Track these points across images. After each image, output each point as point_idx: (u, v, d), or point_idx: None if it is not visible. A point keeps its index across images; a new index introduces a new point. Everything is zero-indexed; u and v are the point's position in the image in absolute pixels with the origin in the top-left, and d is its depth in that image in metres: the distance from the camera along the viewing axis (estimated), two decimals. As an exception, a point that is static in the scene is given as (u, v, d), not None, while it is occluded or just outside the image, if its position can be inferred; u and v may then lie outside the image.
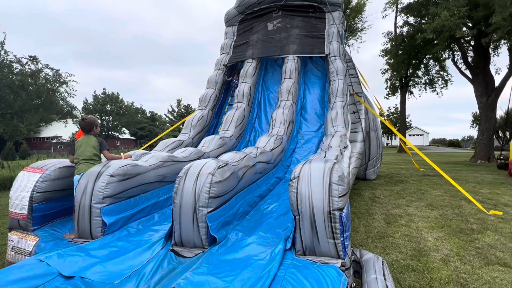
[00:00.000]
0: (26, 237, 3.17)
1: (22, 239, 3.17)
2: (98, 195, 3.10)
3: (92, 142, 3.67)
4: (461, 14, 12.96)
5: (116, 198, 3.23)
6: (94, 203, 3.08)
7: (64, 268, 2.36)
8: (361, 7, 25.08)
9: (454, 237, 4.22)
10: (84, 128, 3.72)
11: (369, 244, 4.02)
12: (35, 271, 2.25)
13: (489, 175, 10.37)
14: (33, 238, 3.15)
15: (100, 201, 3.10)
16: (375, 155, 8.97)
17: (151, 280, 2.31)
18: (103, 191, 3.12)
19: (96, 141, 3.72)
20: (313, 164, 2.73)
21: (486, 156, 16.51)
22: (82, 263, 2.49)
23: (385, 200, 6.57)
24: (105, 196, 3.13)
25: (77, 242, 3.03)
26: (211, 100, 7.57)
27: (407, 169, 12.46)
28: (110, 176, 3.20)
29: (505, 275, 3.12)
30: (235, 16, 8.49)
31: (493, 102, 16.46)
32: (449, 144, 63.35)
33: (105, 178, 3.18)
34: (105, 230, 3.10)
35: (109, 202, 3.15)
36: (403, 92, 25.74)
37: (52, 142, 45.32)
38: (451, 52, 19.32)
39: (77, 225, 3.14)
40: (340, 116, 5.96)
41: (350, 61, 8.08)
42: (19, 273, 2.20)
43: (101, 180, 3.17)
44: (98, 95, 45.88)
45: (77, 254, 2.60)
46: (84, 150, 3.61)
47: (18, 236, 3.22)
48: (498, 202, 6.26)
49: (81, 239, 3.09)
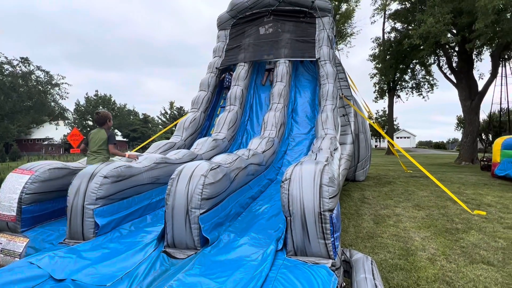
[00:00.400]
0: (15, 239, 3.10)
1: (11, 241, 3.10)
2: (91, 196, 3.06)
3: (101, 135, 3.75)
4: (446, 21, 13.24)
5: (109, 199, 3.19)
6: (87, 204, 3.03)
7: (55, 271, 2.31)
8: (351, 13, 25.36)
9: (440, 237, 4.28)
10: (97, 121, 3.83)
11: (358, 244, 4.04)
12: (25, 274, 2.20)
13: (473, 176, 10.57)
14: (23, 240, 3.08)
15: (93, 202, 3.05)
16: (364, 157, 9.05)
17: (143, 281, 2.28)
18: (96, 192, 3.07)
19: (105, 134, 3.78)
20: (304, 166, 2.74)
21: (470, 158, 16.83)
22: (74, 265, 2.44)
23: (373, 201, 6.63)
24: (98, 197, 3.08)
25: (68, 244, 2.97)
26: (204, 102, 7.54)
27: (394, 171, 12.60)
28: (103, 177, 3.16)
29: (488, 273, 3.18)
30: (228, 20, 8.49)
31: (476, 105, 16.80)
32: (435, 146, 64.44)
33: (98, 179, 3.13)
34: (97, 232, 3.05)
35: (102, 203, 3.11)
36: (391, 96, 26.09)
37: (43, 143, 44.41)
38: (437, 58, 19.69)
39: (69, 226, 3.08)
40: (330, 118, 6.00)
41: (340, 65, 8.16)
42: (9, 276, 2.14)
43: (95, 181, 3.12)
44: (90, 97, 45.14)
45: (68, 256, 2.55)
46: (93, 142, 3.73)
47: (7, 238, 3.14)
48: (481, 202, 6.38)
49: (73, 240, 3.03)
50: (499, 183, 8.90)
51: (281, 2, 7.81)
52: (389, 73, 22.63)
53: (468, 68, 17.03)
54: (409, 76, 23.56)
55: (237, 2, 8.25)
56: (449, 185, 8.32)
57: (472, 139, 17.12)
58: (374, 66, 24.48)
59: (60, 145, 41.77)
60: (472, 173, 11.85)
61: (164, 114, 54.12)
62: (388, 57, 21.97)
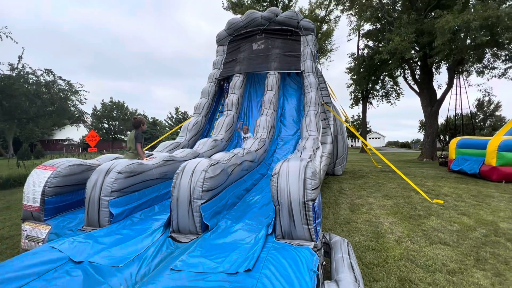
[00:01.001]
0: (39, 226, 3.04)
1: (35, 228, 3.04)
2: (107, 189, 3.02)
3: (132, 136, 3.82)
4: (410, 40, 13.40)
5: (122, 192, 3.15)
6: (103, 196, 3.00)
7: (74, 254, 2.27)
8: (330, 32, 25.50)
9: (405, 222, 4.33)
10: (133, 124, 3.89)
11: (337, 228, 4.07)
12: (47, 257, 2.16)
13: (432, 171, 10.73)
14: (46, 227, 3.02)
15: (108, 194, 3.01)
16: (342, 155, 9.12)
17: (151, 262, 2.25)
18: (111, 185, 3.04)
19: (134, 134, 3.82)
20: (290, 162, 2.75)
21: (430, 155, 17.08)
22: (91, 249, 2.41)
23: (349, 192, 6.67)
24: (113, 190, 3.04)
25: (86, 230, 2.92)
26: (205, 108, 7.50)
27: (367, 166, 12.73)
28: (118, 173, 3.12)
29: (445, 252, 3.24)
30: (225, 37, 8.46)
31: (435, 111, 17.05)
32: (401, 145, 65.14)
33: (113, 174, 3.10)
34: (112, 220, 3.01)
35: (116, 195, 3.07)
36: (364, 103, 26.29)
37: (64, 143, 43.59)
38: (402, 71, 19.91)
39: (86, 215, 3.04)
40: (313, 122, 6.03)
41: (321, 76, 8.20)
42: (34, 259, 2.10)
43: (110, 176, 3.08)
44: (106, 103, 44.48)
45: (86, 241, 2.51)
46: (128, 141, 3.87)
47: (31, 226, 3.07)
48: (440, 192, 6.48)
49: (90, 227, 2.98)
50: (454, 176, 9.06)
51: (271, 22, 7.82)
52: (362, 84, 22.81)
53: (429, 79, 17.27)
54: (379, 86, 23.77)
55: (234, 22, 8.23)
56: (413, 178, 8.44)
57: (432, 139, 17.37)
58: (350, 77, 24.65)
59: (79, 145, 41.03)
60: (432, 168, 12.03)
61: (171, 118, 53.59)
62: (362, 70, 22.14)
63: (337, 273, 2.21)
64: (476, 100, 40.81)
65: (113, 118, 44.13)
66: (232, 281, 1.79)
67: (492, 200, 5.69)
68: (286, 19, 7.70)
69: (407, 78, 19.41)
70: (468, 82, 23.04)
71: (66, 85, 14.95)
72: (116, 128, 44.69)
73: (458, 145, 10.13)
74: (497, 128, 34.50)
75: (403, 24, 13.99)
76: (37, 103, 12.37)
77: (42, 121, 18.83)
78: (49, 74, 13.67)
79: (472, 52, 14.65)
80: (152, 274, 2.02)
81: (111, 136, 43.72)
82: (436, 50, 13.02)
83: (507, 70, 15.71)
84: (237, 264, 2.02)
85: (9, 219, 4.93)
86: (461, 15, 10.96)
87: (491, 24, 10.98)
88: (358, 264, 2.74)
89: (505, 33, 11.50)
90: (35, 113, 14.78)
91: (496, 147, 7.84)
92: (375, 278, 2.66)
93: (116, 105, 44.69)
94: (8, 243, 3.65)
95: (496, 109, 40.79)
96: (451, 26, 11.24)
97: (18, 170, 10.16)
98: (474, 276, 2.70)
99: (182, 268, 1.97)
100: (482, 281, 2.61)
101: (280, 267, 1.95)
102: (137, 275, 2.06)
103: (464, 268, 2.85)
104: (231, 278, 1.84)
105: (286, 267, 1.95)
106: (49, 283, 1.87)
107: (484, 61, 16.14)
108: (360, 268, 2.63)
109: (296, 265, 1.99)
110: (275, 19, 7.75)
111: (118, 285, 1.92)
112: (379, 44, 18.94)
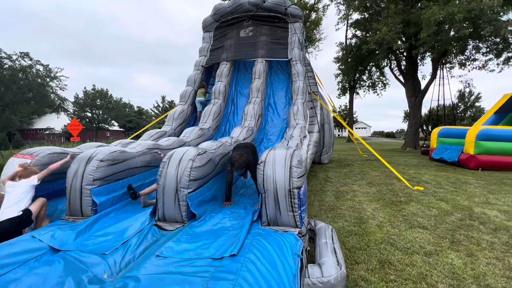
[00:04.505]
0: (19, 218, 2.94)
1: (15, 219, 2.93)
2: (88, 177, 2.94)
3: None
4: (397, 30, 13.53)
5: (105, 180, 3.08)
6: (85, 184, 2.92)
7: (56, 243, 2.23)
8: (319, 21, 25.31)
9: (387, 208, 4.50)
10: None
11: (321, 215, 4.17)
12: (28, 246, 2.11)
13: (415, 159, 11.10)
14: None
15: (91, 183, 2.94)
16: (328, 144, 9.26)
17: (136, 250, 2.24)
18: (93, 174, 2.96)
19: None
20: (277, 150, 2.76)
21: (413, 145, 17.63)
22: (74, 238, 2.37)
23: (335, 180, 6.82)
24: (95, 179, 2.97)
25: (68, 220, 2.86)
26: (191, 96, 7.37)
27: (353, 155, 13.01)
28: (100, 161, 3.04)
29: (423, 235, 3.40)
30: (211, 23, 8.24)
31: (419, 102, 17.49)
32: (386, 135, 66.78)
33: (95, 162, 3.02)
34: (96, 209, 2.95)
35: (98, 184, 3.00)
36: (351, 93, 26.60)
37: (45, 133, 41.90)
38: (389, 61, 20.18)
39: (68, 205, 2.96)
40: (301, 111, 6.05)
41: (309, 65, 8.19)
42: (14, 248, 2.05)
43: (92, 164, 3.00)
44: (88, 91, 42.79)
45: (68, 231, 2.46)
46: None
47: (11, 216, 2.97)
48: (420, 180, 6.74)
49: (72, 217, 2.92)
50: (435, 165, 9.42)
51: (258, 8, 7.66)
52: (350, 74, 23.02)
53: (414, 70, 17.61)
54: (366, 76, 24.08)
55: (220, 7, 8.02)
56: (396, 166, 8.71)
57: (415, 129, 17.89)
58: (338, 67, 24.79)
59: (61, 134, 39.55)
60: (414, 157, 12.43)
61: (157, 107, 52.50)
62: (349, 60, 22.28)
63: (320, 257, 2.28)
64: (458, 91, 42.13)
65: (96, 106, 42.63)
66: (217, 265, 1.82)
67: (468, 187, 5.98)
68: (273, 5, 7.57)
69: (393, 69, 19.71)
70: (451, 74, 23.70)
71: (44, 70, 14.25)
72: (100, 117, 43.28)
73: (440, 135, 10.49)
74: (476, 118, 35.88)
75: (391, 14, 14.07)
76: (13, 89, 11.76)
77: (20, 108, 17.92)
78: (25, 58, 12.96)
79: (456, 44, 14.99)
80: (137, 261, 2.01)
81: (94, 125, 42.37)
82: (421, 42, 13.24)
83: (487, 62, 16.23)
84: (222, 250, 2.04)
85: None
86: (446, 7, 11.13)
87: (474, 16, 11.22)
88: (341, 248, 2.84)
89: (487, 26, 11.79)
90: (11, 99, 14.01)
91: (475, 136, 8.17)
92: (356, 261, 2.77)
93: (99, 93, 43.13)
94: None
95: (477, 100, 42.34)
96: (437, 18, 11.42)
97: (-5, 160, 9.74)
98: (449, 257, 2.86)
99: (168, 255, 1.98)
100: (456, 262, 2.77)
101: (264, 251, 1.99)
102: (122, 262, 2.05)
103: (439, 250, 3.01)
104: (216, 263, 1.86)
105: (271, 252, 1.99)
106: (30, 272, 1.83)
107: (467, 52, 16.57)
108: (343, 252, 2.73)
109: (280, 250, 2.03)
110: (262, 5, 7.60)
111: (102, 272, 1.90)
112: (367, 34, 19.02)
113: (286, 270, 1.80)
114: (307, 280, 1.97)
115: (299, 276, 1.81)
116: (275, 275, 1.73)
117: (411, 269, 2.63)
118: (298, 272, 1.83)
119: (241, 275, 1.69)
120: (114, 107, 44.90)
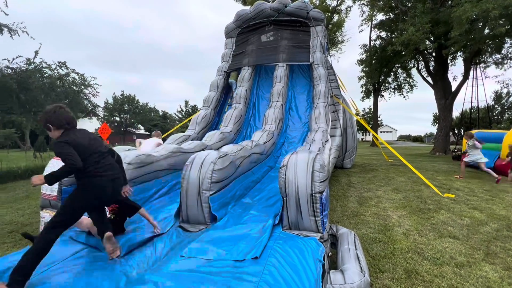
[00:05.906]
0: (57, 215, 3.17)
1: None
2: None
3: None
4: (425, 30, 12.96)
5: (132, 182, 3.24)
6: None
7: (90, 242, 2.38)
8: (341, 23, 24.88)
9: (414, 215, 4.30)
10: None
11: (344, 221, 4.08)
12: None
13: (445, 165, 10.52)
14: (63, 216, 3.15)
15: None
16: (351, 148, 9.03)
17: (162, 250, 2.34)
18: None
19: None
20: (299, 154, 2.76)
21: (443, 149, 16.69)
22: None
23: (358, 185, 6.64)
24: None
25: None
26: (213, 101, 7.54)
27: (377, 160, 12.58)
28: (127, 164, 3.21)
29: (453, 245, 3.21)
30: (234, 29, 8.41)
31: (450, 104, 16.58)
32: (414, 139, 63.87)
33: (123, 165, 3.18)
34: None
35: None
36: (376, 95, 25.79)
37: (79, 136, 44.59)
38: (416, 62, 19.37)
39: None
40: (322, 114, 5.99)
41: (331, 68, 8.08)
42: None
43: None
44: (117, 97, 45.21)
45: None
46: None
47: (49, 213, 3.21)
48: (451, 187, 6.37)
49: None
50: (468, 171, 8.85)
51: (280, 13, 7.71)
52: (374, 76, 22.37)
53: (443, 71, 16.75)
54: (392, 78, 23.25)
55: (242, 14, 8.17)
56: (424, 172, 8.30)
57: (445, 133, 16.95)
58: (362, 69, 24.17)
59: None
60: (444, 162, 11.79)
61: (180, 111, 54.11)
62: (373, 61, 21.67)
63: (343, 263, 2.24)
64: (494, 93, 39.34)
65: (124, 111, 44.83)
66: (239, 267, 1.85)
67: (506, 195, 5.56)
68: (295, 10, 7.58)
69: (421, 70, 18.88)
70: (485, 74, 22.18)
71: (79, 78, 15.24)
72: (127, 121, 45.44)
73: (473, 139, 9.83)
74: (515, 121, 33.26)
75: (418, 13, 13.52)
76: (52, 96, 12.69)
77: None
78: (63, 67, 13.94)
79: (490, 42, 14.07)
80: (163, 260, 2.10)
81: (122, 129, 44.53)
82: (452, 41, 12.57)
83: (527, 61, 15.05)
84: (244, 252, 2.08)
85: (28, 207, 5.17)
86: (480, 4, 10.50)
87: (511, 13, 10.49)
88: (365, 255, 2.76)
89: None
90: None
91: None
92: (381, 269, 2.68)
93: (127, 99, 45.34)
94: (27, 229, 3.84)
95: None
96: (469, 15, 10.80)
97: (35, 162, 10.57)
98: (483, 269, 2.68)
99: (191, 255, 2.05)
100: (491, 275, 2.59)
101: (286, 256, 2.00)
102: (149, 261, 2.14)
103: (472, 262, 2.83)
104: (238, 264, 1.90)
105: (292, 256, 1.99)
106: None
107: (503, 51, 15.49)
108: (366, 260, 2.65)
109: (302, 255, 2.03)
110: (284, 10, 7.64)
111: (131, 270, 2.01)
112: (392, 35, 18.42)
113: (308, 275, 1.79)
114: (329, 286, 1.94)
115: (320, 282, 1.80)
116: (297, 279, 1.74)
117: (441, 280, 2.50)
118: (320, 278, 1.81)
119: (263, 278, 1.71)
120: (140, 111, 46.93)
